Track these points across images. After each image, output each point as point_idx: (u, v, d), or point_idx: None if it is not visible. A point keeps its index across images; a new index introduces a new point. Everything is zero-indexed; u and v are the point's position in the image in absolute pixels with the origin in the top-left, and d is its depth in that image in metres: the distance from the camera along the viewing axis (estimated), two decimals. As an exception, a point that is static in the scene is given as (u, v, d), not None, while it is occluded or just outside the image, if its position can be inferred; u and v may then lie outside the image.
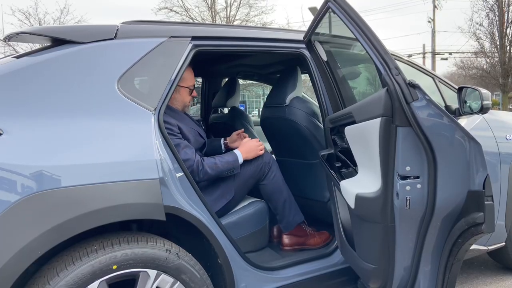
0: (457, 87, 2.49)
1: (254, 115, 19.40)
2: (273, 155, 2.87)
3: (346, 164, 1.84)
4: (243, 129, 2.59)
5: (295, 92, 2.46)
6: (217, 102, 3.33)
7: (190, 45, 1.92)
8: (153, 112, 1.72)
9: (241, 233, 2.15)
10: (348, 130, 1.68)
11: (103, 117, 1.61)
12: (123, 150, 1.57)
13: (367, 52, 1.53)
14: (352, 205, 1.53)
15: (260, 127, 3.01)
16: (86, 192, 1.45)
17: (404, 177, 1.40)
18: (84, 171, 1.46)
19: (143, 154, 1.60)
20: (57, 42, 1.71)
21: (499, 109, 23.03)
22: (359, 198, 1.49)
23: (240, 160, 2.16)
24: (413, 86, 1.39)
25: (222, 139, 2.65)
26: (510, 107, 20.45)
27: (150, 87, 1.79)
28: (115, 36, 1.76)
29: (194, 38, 1.94)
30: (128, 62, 1.74)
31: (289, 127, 2.45)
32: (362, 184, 1.52)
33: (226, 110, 3.58)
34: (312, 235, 2.50)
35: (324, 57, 2.06)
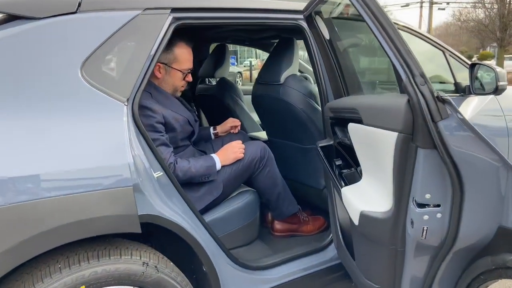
0: (469, 63, 2.25)
1: (246, 66, 18.53)
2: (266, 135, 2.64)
3: (348, 163, 1.63)
4: (239, 124, 2.32)
5: (291, 69, 2.20)
6: (204, 72, 3.02)
7: (170, 19, 1.62)
8: (126, 104, 1.46)
9: (230, 228, 1.97)
10: (353, 128, 1.45)
11: (62, 113, 1.35)
12: (86, 154, 1.33)
13: (384, 50, 1.26)
14: (356, 221, 1.33)
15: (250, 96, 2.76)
16: (41, 207, 1.22)
17: (422, 205, 1.19)
18: (38, 182, 1.23)
19: (112, 157, 1.36)
20: (3, 18, 1.41)
21: (494, 62, 22.71)
22: (364, 216, 1.29)
23: (218, 166, 1.93)
24: (442, 100, 1.13)
25: (212, 128, 2.40)
26: (506, 61, 20.09)
27: (122, 72, 1.52)
28: (77, 10, 1.46)
29: (174, 10, 1.64)
30: (94, 41, 1.46)
31: (284, 109, 2.21)
32: (368, 198, 1.31)
33: (214, 81, 3.28)
34: (306, 222, 2.34)
35: (327, 35, 1.78)
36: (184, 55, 1.90)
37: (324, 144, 1.81)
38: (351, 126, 1.47)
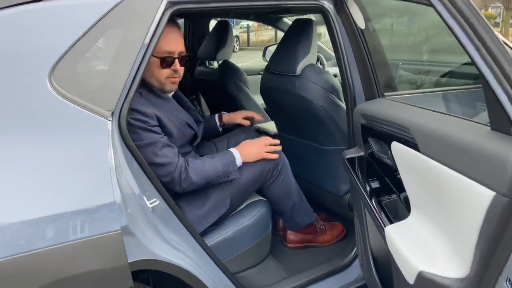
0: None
1: (243, 28, 17.50)
2: (277, 130, 2.32)
3: (384, 183, 1.33)
4: (253, 116, 2.00)
5: (309, 58, 1.85)
6: (203, 53, 2.65)
7: (164, 3, 1.28)
8: (110, 118, 1.14)
9: (238, 249, 1.69)
10: (400, 150, 1.14)
11: (25, 137, 1.03)
12: (55, 195, 1.02)
13: (468, 55, 0.93)
14: (411, 280, 1.05)
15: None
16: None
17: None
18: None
19: (91, 195, 1.04)
20: None
21: (496, 24, 21.93)
22: (425, 280, 1.00)
23: (238, 162, 1.63)
24: None
25: (217, 116, 2.06)
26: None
27: (105, 77, 1.19)
28: (42, -3, 1.11)
29: (169, -8, 1.29)
30: (66, 39, 1.12)
31: (300, 105, 1.88)
32: (428, 252, 1.01)
33: (215, 64, 2.91)
34: (323, 231, 2.08)
35: (361, 24, 1.43)
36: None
37: (352, 156, 1.51)
38: (397, 147, 1.16)
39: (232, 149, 1.65)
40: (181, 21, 3.26)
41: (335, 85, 1.83)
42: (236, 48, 15.94)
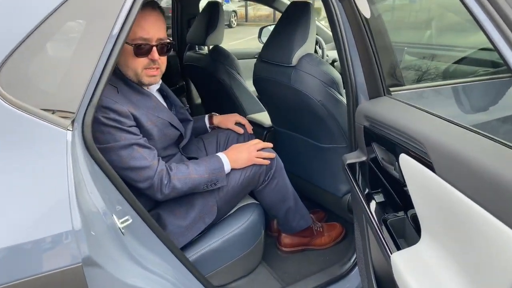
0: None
1: (241, 1, 16.70)
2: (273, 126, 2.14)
3: (392, 200, 1.17)
4: (246, 123, 1.82)
5: (306, 47, 1.66)
6: (192, 37, 2.44)
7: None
8: (69, 128, 0.97)
9: (228, 259, 1.55)
10: (410, 166, 0.97)
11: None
12: (2, 226, 0.85)
13: (500, 54, 0.75)
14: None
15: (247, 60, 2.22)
16: None
17: None
18: None
19: (44, 226, 0.88)
20: None
21: None
22: None
23: (227, 168, 1.46)
24: None
25: (207, 117, 1.87)
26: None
27: (63, 80, 1.00)
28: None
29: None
30: (14, 35, 0.93)
31: (296, 99, 1.70)
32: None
33: (206, 49, 2.70)
34: (320, 233, 1.94)
35: (367, 13, 1.24)
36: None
37: (353, 161, 1.34)
38: (407, 161, 0.99)
39: (220, 154, 1.48)
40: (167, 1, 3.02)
41: (334, 77, 1.64)
42: (234, 24, 15.47)
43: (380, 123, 1.15)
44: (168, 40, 1.38)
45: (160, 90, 1.56)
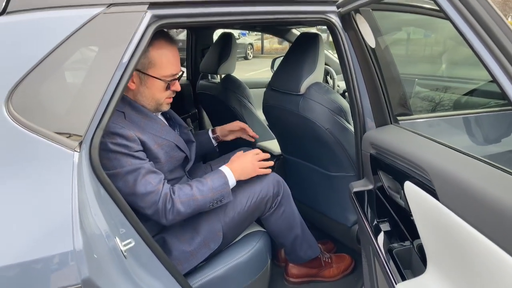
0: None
1: (258, 35, 17.07)
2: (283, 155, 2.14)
3: (398, 229, 1.15)
4: (246, 127, 1.82)
5: (314, 76, 1.68)
6: (205, 66, 2.50)
7: (148, 17, 1.13)
8: (76, 150, 0.99)
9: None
10: (414, 193, 0.96)
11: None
12: (5, 244, 0.86)
13: (488, 71, 0.76)
14: None
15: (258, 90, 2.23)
16: None
17: None
18: None
19: (46, 244, 0.89)
20: None
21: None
22: None
23: (232, 182, 1.46)
24: None
25: (210, 131, 1.89)
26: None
27: (73, 102, 1.04)
28: (4, 10, 0.98)
29: (153, 5, 1.14)
30: (28, 59, 0.98)
31: (304, 127, 1.71)
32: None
33: (218, 78, 2.76)
34: (328, 264, 1.89)
35: (372, 42, 1.26)
36: (164, 57, 1.35)
37: (360, 189, 1.33)
38: (412, 188, 0.97)
39: (223, 168, 1.48)
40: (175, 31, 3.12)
41: (342, 106, 1.65)
42: (250, 56, 15.78)
43: (385, 150, 1.15)
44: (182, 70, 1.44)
45: (163, 113, 1.60)
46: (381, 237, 1.16)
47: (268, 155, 1.59)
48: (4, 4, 0.99)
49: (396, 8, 1.54)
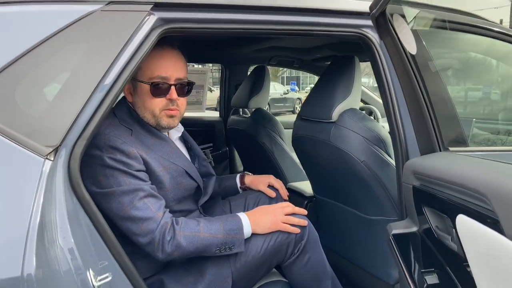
0: None
1: (308, 92, 17.39)
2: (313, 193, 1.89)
3: (450, 283, 0.87)
4: (281, 187, 1.55)
5: (349, 102, 1.47)
6: (236, 100, 2.37)
7: (152, 20, 1.01)
8: (50, 157, 0.83)
9: None
10: (470, 229, 0.69)
11: None
12: None
13: None
14: None
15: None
16: None
17: None
18: None
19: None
20: None
21: None
22: None
23: (246, 232, 1.22)
24: None
25: (238, 176, 1.64)
26: None
27: (52, 104, 0.90)
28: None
29: (159, 5, 1.02)
30: (6, 52, 0.86)
31: (337, 160, 1.48)
32: None
33: (249, 114, 2.62)
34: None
35: (412, 49, 1.05)
36: (150, 57, 1.15)
37: (400, 232, 1.06)
38: (466, 223, 0.71)
39: (241, 214, 1.25)
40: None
41: (381, 135, 1.42)
42: (297, 109, 15.95)
43: (431, 178, 0.89)
44: (187, 80, 1.27)
45: (184, 141, 1.44)
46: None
47: (304, 211, 1.34)
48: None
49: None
